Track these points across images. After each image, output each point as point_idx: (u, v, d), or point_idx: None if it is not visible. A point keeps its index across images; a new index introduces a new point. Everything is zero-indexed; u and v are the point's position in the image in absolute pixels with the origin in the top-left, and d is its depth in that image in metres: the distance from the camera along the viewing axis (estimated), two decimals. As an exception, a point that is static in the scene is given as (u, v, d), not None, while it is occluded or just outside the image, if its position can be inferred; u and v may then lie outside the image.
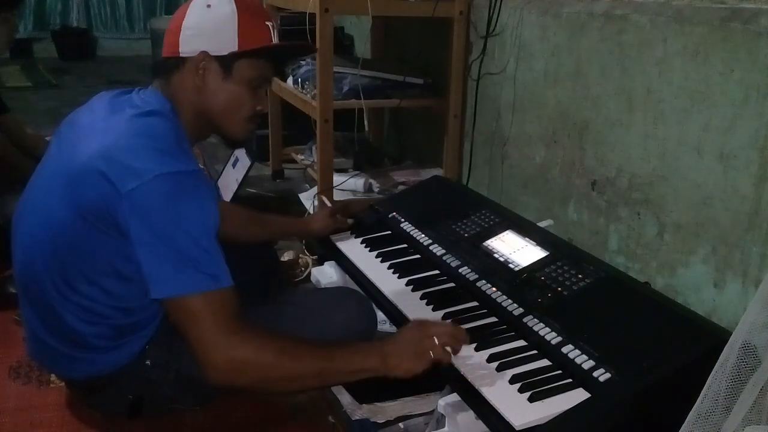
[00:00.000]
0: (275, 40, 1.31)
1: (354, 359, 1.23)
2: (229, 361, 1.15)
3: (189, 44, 1.26)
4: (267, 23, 1.30)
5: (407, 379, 1.23)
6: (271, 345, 1.18)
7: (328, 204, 2.15)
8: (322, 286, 1.95)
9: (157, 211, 1.13)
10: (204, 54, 1.25)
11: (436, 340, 1.22)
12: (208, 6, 1.26)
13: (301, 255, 2.26)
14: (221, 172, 2.79)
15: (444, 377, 1.34)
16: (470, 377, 1.25)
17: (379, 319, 1.58)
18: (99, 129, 1.21)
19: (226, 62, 1.26)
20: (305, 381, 1.24)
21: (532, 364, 1.29)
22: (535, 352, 1.33)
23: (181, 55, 1.26)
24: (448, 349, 1.24)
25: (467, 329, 1.41)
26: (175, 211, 1.13)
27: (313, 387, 1.39)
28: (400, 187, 2.65)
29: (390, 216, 1.98)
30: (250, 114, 1.33)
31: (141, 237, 1.13)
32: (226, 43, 1.26)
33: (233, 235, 1.58)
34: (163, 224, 1.13)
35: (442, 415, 1.31)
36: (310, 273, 2.17)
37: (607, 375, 1.20)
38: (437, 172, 2.69)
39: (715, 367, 0.98)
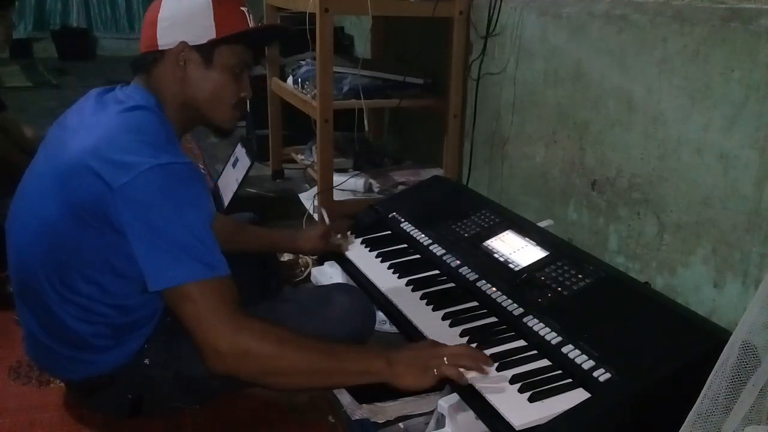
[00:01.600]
0: (251, 24, 1.31)
1: (359, 360, 1.22)
2: (231, 349, 1.14)
3: (167, 36, 1.25)
4: (242, 8, 1.29)
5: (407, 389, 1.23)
6: (274, 335, 1.17)
7: (327, 219, 2.08)
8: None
9: (150, 203, 1.13)
10: (183, 44, 1.24)
11: (445, 360, 1.21)
12: None
13: (300, 255, 2.26)
14: (221, 172, 2.79)
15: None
16: (470, 377, 1.25)
17: (379, 319, 1.58)
18: (86, 126, 1.21)
19: (205, 50, 1.26)
20: (307, 377, 1.22)
21: (532, 364, 1.29)
22: (535, 352, 1.32)
23: (159, 48, 1.25)
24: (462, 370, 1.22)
25: (467, 329, 1.42)
26: (169, 202, 1.13)
27: (315, 385, 1.37)
28: (400, 187, 2.65)
29: (390, 216, 1.98)
30: (236, 101, 1.32)
31: (135, 230, 1.13)
32: (204, 31, 1.25)
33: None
34: (157, 216, 1.13)
35: (442, 415, 1.31)
36: (310, 273, 2.17)
37: (607, 375, 1.20)
38: (437, 172, 2.69)
39: (715, 367, 0.98)
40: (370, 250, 1.83)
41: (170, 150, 1.18)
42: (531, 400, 1.19)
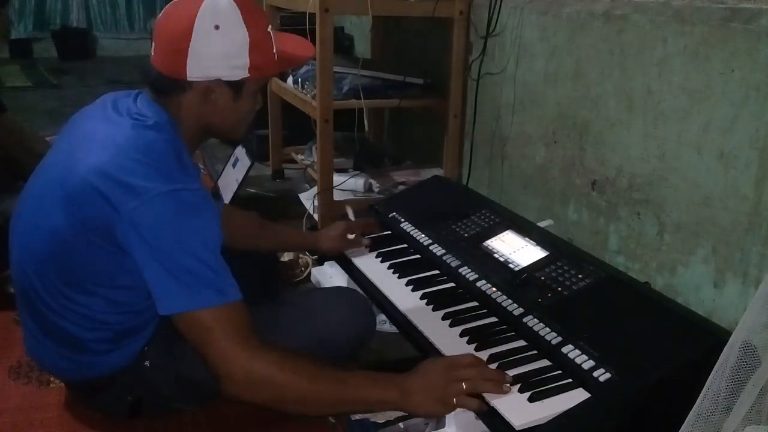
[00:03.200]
0: (275, 43, 1.27)
1: (373, 390, 1.19)
2: (246, 376, 1.13)
3: (199, 70, 1.20)
4: (269, 30, 1.25)
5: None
6: (290, 363, 1.16)
7: (352, 216, 1.99)
8: (322, 286, 1.95)
9: (159, 231, 1.11)
10: (218, 81, 1.21)
11: (464, 385, 1.16)
12: (216, 27, 1.18)
13: (301, 255, 2.26)
14: (221, 172, 2.79)
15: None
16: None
17: (379, 320, 1.58)
18: (98, 140, 1.19)
19: (237, 85, 1.23)
20: (320, 406, 1.20)
21: (532, 364, 1.29)
22: (535, 352, 1.32)
23: (188, 79, 1.20)
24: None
25: (467, 329, 1.42)
26: (177, 230, 1.12)
27: (328, 413, 1.34)
28: (400, 187, 2.65)
29: (390, 216, 1.97)
30: (252, 117, 1.33)
31: (144, 256, 1.12)
32: (239, 69, 1.22)
33: (236, 242, 1.54)
34: (166, 243, 1.11)
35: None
36: (310, 273, 2.17)
37: (607, 375, 1.20)
38: (437, 172, 2.69)
39: (715, 367, 0.98)
40: (370, 251, 1.83)
41: (180, 175, 1.15)
42: (531, 400, 1.19)
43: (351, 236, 1.79)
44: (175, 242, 1.12)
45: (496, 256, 1.65)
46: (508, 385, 1.18)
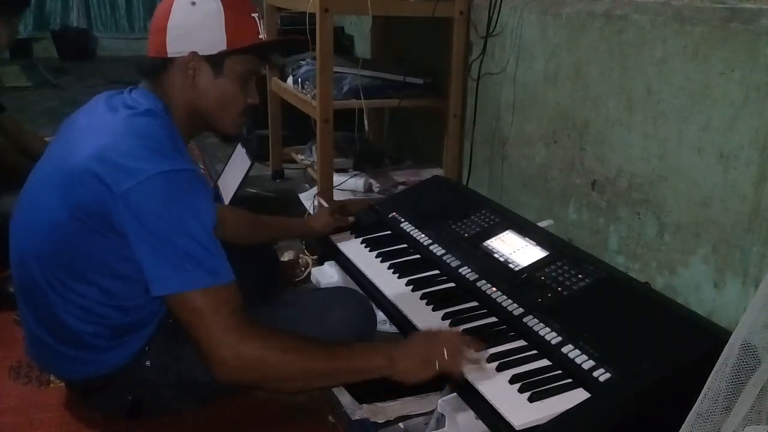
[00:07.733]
0: (262, 31, 1.30)
1: (361, 359, 1.24)
2: (236, 357, 1.14)
3: (176, 44, 1.24)
4: (252, 15, 1.29)
5: (411, 383, 1.24)
6: (278, 342, 1.18)
7: (325, 204, 2.15)
8: (322, 286, 1.96)
9: (154, 211, 1.12)
10: (193, 54, 1.24)
11: (445, 351, 1.23)
12: (193, 4, 1.23)
13: (301, 255, 2.26)
14: (221, 172, 2.79)
15: (445, 377, 1.34)
16: (470, 377, 1.25)
17: (379, 319, 1.58)
18: (94, 130, 1.21)
19: (216, 60, 1.26)
20: (311, 380, 1.24)
21: (532, 364, 1.29)
22: (535, 352, 1.33)
23: (168, 55, 1.25)
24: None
25: (467, 329, 1.42)
26: (172, 210, 1.13)
27: (319, 386, 1.39)
28: (400, 187, 2.65)
29: (390, 216, 1.98)
30: (243, 108, 1.33)
31: (138, 236, 1.13)
32: (215, 42, 1.25)
33: (233, 238, 1.58)
34: (160, 223, 1.13)
35: (442, 415, 1.31)
36: (310, 273, 2.17)
37: (607, 375, 1.20)
38: (437, 172, 2.69)
39: (715, 367, 0.98)
40: (370, 250, 1.83)
41: (175, 157, 1.17)
42: (531, 400, 1.19)
43: (344, 217, 1.92)
44: (168, 222, 1.13)
45: (496, 256, 1.65)
46: (485, 362, 1.28)
